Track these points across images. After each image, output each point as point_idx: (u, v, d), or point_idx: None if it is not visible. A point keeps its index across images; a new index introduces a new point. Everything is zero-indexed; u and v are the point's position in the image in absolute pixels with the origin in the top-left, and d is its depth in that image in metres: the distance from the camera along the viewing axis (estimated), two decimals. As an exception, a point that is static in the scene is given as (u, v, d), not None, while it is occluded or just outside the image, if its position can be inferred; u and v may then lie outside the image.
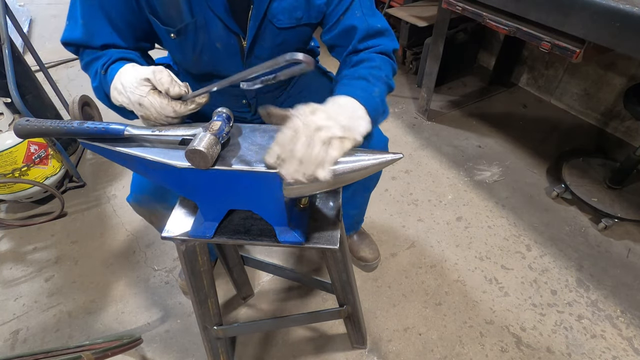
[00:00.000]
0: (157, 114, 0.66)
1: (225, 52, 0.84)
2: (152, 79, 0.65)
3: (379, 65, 0.81)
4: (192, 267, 0.84)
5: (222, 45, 0.83)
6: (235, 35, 0.82)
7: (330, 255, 0.84)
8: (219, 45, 0.82)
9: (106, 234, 1.65)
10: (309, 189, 0.63)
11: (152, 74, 0.65)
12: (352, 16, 0.83)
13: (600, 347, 1.23)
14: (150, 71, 0.66)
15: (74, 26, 0.78)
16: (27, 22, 3.53)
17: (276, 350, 1.25)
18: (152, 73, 0.65)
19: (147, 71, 0.66)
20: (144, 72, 0.66)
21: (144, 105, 0.66)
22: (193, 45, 0.82)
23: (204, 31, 0.80)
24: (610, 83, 1.98)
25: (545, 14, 1.27)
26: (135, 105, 0.67)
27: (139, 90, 0.65)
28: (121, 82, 0.68)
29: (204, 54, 0.84)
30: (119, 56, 0.76)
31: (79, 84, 2.72)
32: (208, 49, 0.83)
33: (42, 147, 1.65)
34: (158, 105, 0.65)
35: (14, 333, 1.33)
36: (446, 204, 1.73)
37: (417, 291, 1.40)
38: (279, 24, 0.82)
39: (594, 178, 1.70)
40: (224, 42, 0.82)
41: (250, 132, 0.67)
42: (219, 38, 0.81)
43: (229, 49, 0.84)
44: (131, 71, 0.68)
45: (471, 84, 2.52)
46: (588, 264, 1.46)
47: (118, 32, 0.79)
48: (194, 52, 0.83)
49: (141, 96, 0.65)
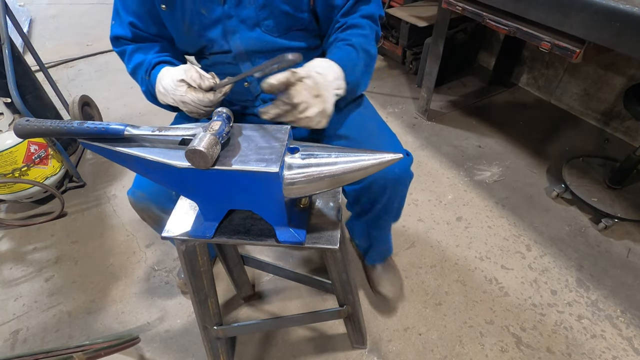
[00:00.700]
0: (196, 107, 0.76)
1: (211, 19, 0.86)
2: (185, 78, 0.75)
3: (367, 34, 0.88)
4: (192, 267, 0.84)
5: (206, 10, 0.84)
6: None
7: (330, 255, 0.84)
8: (203, 12, 0.84)
9: (106, 234, 1.65)
10: (309, 189, 0.63)
11: (184, 73, 0.75)
12: None
13: (600, 347, 1.23)
14: (182, 71, 0.76)
15: (117, 24, 0.90)
16: (27, 22, 3.53)
17: (276, 350, 1.25)
18: (184, 73, 0.75)
19: (179, 72, 0.76)
20: (177, 74, 0.76)
21: (186, 102, 0.76)
22: (182, 16, 0.86)
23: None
24: (610, 83, 1.98)
25: (545, 14, 1.27)
26: (179, 103, 0.78)
27: (178, 91, 0.76)
28: (162, 86, 0.80)
29: (194, 24, 0.86)
30: (157, 60, 0.87)
31: (79, 84, 2.73)
32: (196, 17, 0.85)
33: (42, 147, 1.65)
34: (196, 99, 0.74)
35: (14, 333, 1.33)
36: (446, 204, 1.73)
37: (417, 291, 1.40)
38: None
39: (594, 178, 1.70)
40: (207, 6, 0.84)
41: (250, 132, 0.67)
42: (202, 3, 0.83)
43: (213, 14, 0.85)
44: (167, 75, 0.79)
45: (471, 84, 2.52)
46: (588, 264, 1.46)
47: (139, 19, 0.88)
48: (184, 24, 0.87)
49: (181, 95, 0.76)
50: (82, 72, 2.87)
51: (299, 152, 0.63)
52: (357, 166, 0.59)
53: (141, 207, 0.98)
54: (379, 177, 0.92)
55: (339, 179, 0.60)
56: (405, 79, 2.60)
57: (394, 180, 0.93)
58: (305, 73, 0.69)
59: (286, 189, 0.61)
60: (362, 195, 0.98)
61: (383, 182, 0.93)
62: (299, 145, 0.65)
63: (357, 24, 0.87)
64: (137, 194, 0.96)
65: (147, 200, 0.95)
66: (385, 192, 0.95)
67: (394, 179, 0.93)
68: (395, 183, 0.94)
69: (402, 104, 2.38)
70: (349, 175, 0.60)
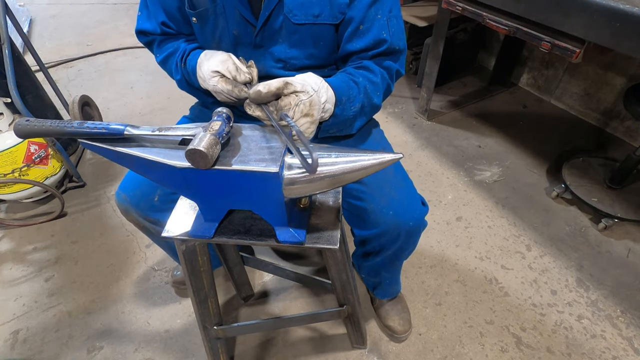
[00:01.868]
0: (227, 98, 0.78)
1: (241, 42, 0.85)
2: (221, 70, 0.76)
3: (377, 82, 0.83)
4: (192, 267, 0.84)
5: (238, 33, 0.84)
6: (251, 25, 0.82)
7: (330, 255, 0.84)
8: (235, 33, 0.84)
9: (106, 234, 1.65)
10: (309, 189, 0.63)
11: (221, 64, 0.76)
12: (382, 25, 0.82)
13: (600, 347, 1.23)
14: (219, 62, 0.77)
15: (145, 16, 0.90)
16: (27, 22, 3.53)
17: (276, 350, 1.25)
18: (221, 64, 0.76)
19: (216, 63, 0.77)
20: (214, 65, 0.77)
21: (217, 92, 0.79)
22: (212, 31, 0.85)
23: (222, 17, 0.82)
24: (610, 83, 1.98)
25: (545, 14, 1.27)
26: (213, 92, 0.80)
27: (212, 81, 0.77)
28: (201, 73, 0.80)
29: (223, 41, 0.86)
30: (193, 46, 0.88)
31: (79, 84, 2.73)
32: (226, 35, 0.85)
33: (42, 147, 1.65)
34: (226, 91, 0.76)
35: (14, 333, 1.33)
36: (446, 204, 1.72)
37: (417, 291, 1.40)
38: (294, 19, 0.81)
39: (594, 178, 1.70)
40: (240, 30, 0.84)
41: (250, 132, 0.67)
42: (236, 26, 0.83)
43: (245, 39, 0.85)
44: (205, 62, 0.79)
45: (471, 84, 2.52)
46: (588, 264, 1.46)
47: (173, 20, 0.88)
48: (214, 39, 0.86)
49: (214, 85, 0.77)
50: (82, 72, 2.87)
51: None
52: (357, 166, 0.59)
53: (123, 209, 0.97)
54: (392, 227, 0.88)
55: (339, 179, 0.60)
56: (405, 79, 2.60)
57: (407, 233, 0.89)
58: (301, 87, 0.66)
59: (286, 189, 0.61)
60: (372, 240, 0.95)
61: (396, 232, 0.89)
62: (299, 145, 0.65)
63: (370, 69, 0.83)
64: (121, 196, 0.95)
65: (129, 204, 0.94)
66: (397, 241, 0.92)
67: (407, 231, 0.89)
68: (409, 235, 0.91)
69: (402, 104, 2.38)
70: (349, 175, 0.59)
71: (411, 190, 0.93)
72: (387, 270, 1.12)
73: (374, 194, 0.89)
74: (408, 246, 0.96)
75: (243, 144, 0.64)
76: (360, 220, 0.93)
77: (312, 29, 0.82)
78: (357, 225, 0.96)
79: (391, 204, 0.88)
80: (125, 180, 0.97)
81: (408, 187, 0.93)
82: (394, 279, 1.20)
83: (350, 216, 0.98)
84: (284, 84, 0.65)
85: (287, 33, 0.83)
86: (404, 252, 1.00)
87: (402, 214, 0.88)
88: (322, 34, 0.84)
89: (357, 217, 0.94)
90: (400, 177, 0.94)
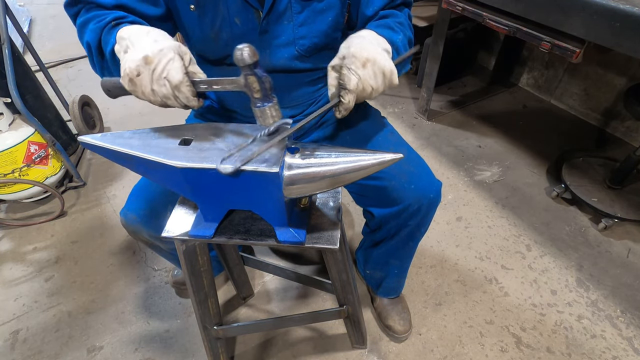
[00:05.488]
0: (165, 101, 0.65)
1: (243, 30, 0.80)
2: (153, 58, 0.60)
3: (403, 22, 0.84)
4: (192, 267, 0.84)
5: (240, 21, 0.78)
6: (254, 9, 0.77)
7: (330, 255, 0.84)
8: (237, 21, 0.78)
9: (106, 234, 1.65)
10: (309, 189, 0.63)
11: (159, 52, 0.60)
12: None
13: (600, 347, 1.23)
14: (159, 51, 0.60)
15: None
16: (27, 22, 3.53)
17: (276, 350, 1.25)
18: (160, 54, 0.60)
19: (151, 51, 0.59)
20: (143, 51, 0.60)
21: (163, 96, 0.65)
22: (212, 20, 0.78)
23: (223, 3, 0.76)
24: (610, 83, 1.98)
25: (545, 14, 1.26)
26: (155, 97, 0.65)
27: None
28: (129, 47, 0.63)
29: (223, 31, 0.80)
30: (132, 19, 0.72)
31: (79, 84, 2.73)
32: (227, 24, 0.79)
33: (42, 147, 1.65)
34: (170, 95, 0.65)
35: (14, 333, 1.33)
36: (446, 204, 1.72)
37: (417, 291, 1.40)
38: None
39: (594, 178, 1.70)
40: (242, 17, 0.78)
41: (252, 132, 0.67)
42: (237, 12, 0.77)
43: (247, 25, 0.79)
44: (141, 44, 0.61)
45: (471, 84, 2.52)
46: (588, 264, 1.46)
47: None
48: (213, 29, 0.79)
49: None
50: (82, 72, 2.86)
51: (299, 152, 0.63)
52: (357, 166, 0.59)
53: (132, 229, 0.93)
54: (414, 201, 0.90)
55: (339, 179, 0.60)
56: (405, 79, 2.60)
57: (427, 205, 0.92)
58: (359, 87, 0.68)
59: (286, 189, 0.61)
60: (391, 219, 0.96)
61: (417, 205, 0.91)
62: (299, 145, 0.65)
63: (392, 14, 0.84)
64: (129, 216, 0.90)
65: (138, 224, 0.90)
66: (418, 215, 0.93)
67: (428, 204, 0.92)
68: (429, 208, 0.93)
69: (402, 104, 2.38)
70: (349, 175, 0.60)
71: (426, 166, 0.97)
72: (398, 257, 1.12)
73: (393, 172, 0.91)
74: (425, 222, 0.99)
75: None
76: (381, 200, 0.95)
77: (320, 5, 0.80)
78: (377, 205, 0.97)
79: (412, 179, 0.91)
80: (131, 198, 0.92)
81: (423, 163, 0.97)
82: (403, 269, 1.19)
83: (367, 200, 0.99)
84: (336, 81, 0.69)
85: (293, 13, 0.80)
86: (421, 230, 1.02)
87: (422, 187, 0.91)
88: (331, 6, 0.82)
89: (376, 197, 0.95)
90: (414, 155, 0.98)
